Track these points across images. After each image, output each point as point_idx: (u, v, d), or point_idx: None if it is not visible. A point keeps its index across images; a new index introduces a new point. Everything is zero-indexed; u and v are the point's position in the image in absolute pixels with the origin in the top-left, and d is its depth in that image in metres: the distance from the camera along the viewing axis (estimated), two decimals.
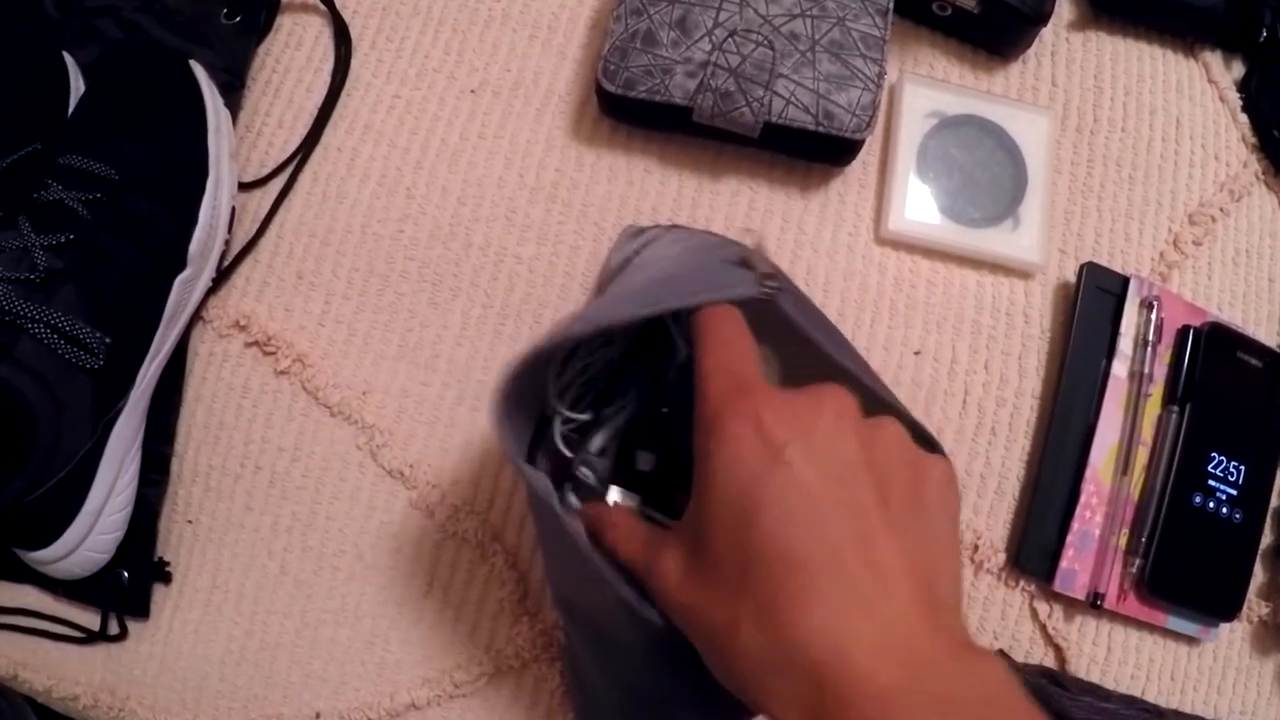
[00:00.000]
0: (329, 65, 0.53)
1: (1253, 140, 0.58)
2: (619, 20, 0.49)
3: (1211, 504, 0.50)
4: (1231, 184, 0.57)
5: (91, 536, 0.48)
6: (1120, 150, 0.55)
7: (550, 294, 0.50)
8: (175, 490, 0.50)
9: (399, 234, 0.51)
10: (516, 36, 0.53)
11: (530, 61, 0.53)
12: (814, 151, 0.50)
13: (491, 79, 0.52)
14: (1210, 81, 0.58)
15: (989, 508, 0.50)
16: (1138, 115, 0.56)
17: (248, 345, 0.50)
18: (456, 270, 0.50)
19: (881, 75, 0.49)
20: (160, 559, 0.49)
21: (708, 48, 0.48)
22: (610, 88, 0.48)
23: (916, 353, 0.50)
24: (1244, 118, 0.58)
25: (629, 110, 0.50)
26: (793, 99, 0.48)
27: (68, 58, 0.51)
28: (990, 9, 0.52)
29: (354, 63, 0.53)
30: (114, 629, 0.49)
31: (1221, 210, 0.56)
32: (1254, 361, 0.52)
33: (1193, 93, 0.58)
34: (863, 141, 0.49)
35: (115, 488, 0.48)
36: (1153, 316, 0.51)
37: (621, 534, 0.30)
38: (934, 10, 0.54)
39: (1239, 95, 0.59)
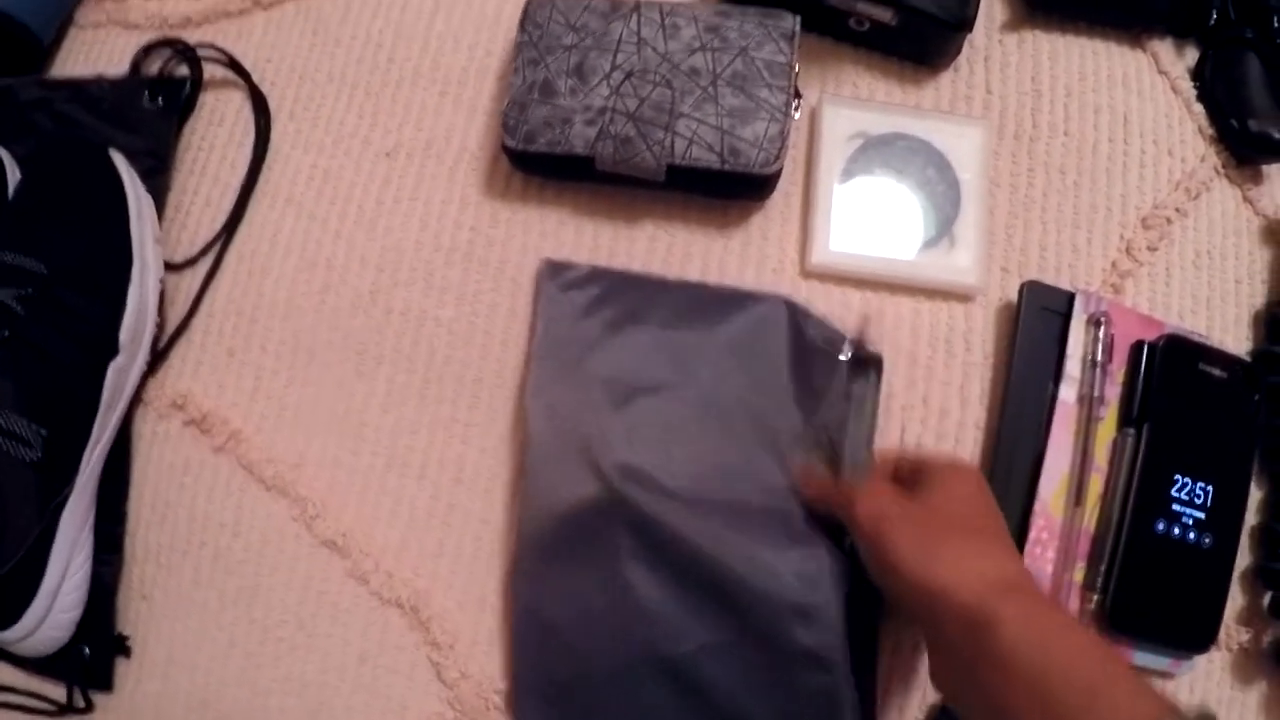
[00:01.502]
0: (251, 139, 0.54)
1: (1210, 131, 0.54)
2: (517, 72, 0.48)
3: (1177, 530, 0.47)
4: (1188, 181, 0.53)
5: (51, 615, 0.49)
6: (1064, 156, 0.53)
7: (471, 354, 0.50)
8: (130, 568, 0.51)
9: (321, 305, 0.51)
10: (428, 95, 0.53)
11: (442, 119, 0.52)
12: (726, 189, 0.49)
13: (405, 140, 0.52)
14: (1160, 72, 0.55)
15: None
16: (1081, 116, 0.53)
17: (186, 424, 0.51)
18: (379, 338, 0.50)
19: (789, 103, 0.47)
20: (120, 634, 0.51)
21: (606, 93, 0.47)
22: (511, 143, 0.48)
23: None
24: (1199, 108, 0.55)
25: (535, 163, 0.50)
26: (695, 138, 0.47)
27: (3, 153, 0.53)
28: (908, 20, 0.50)
29: (273, 135, 0.54)
30: (80, 702, 0.51)
31: (1178, 211, 0.53)
32: (1218, 372, 0.49)
33: (1141, 86, 0.54)
34: (773, 175, 0.48)
35: (69, 569, 0.50)
36: (1101, 334, 0.48)
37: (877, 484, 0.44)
38: (851, 26, 0.52)
39: (1193, 84, 0.55)
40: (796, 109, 0.50)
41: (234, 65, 0.54)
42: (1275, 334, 0.52)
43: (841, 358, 0.47)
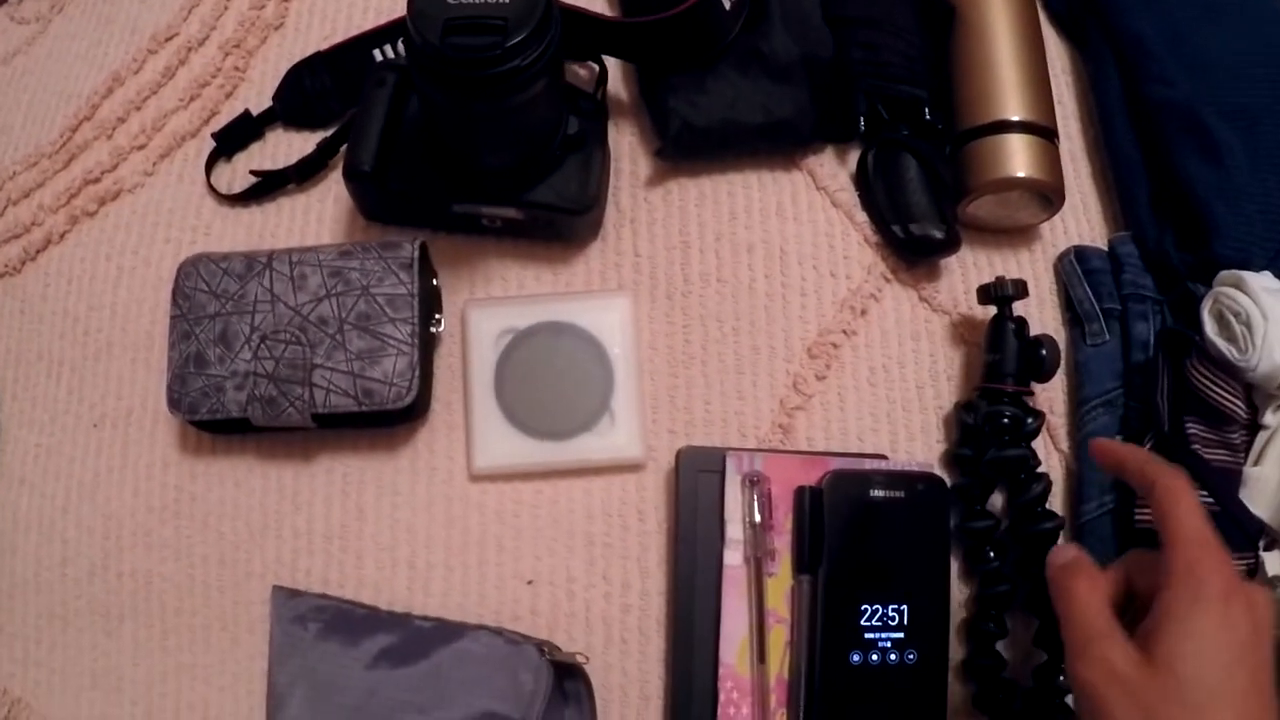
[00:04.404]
0: None
1: (875, 239, 0.54)
2: (174, 347, 0.51)
3: (875, 656, 0.48)
4: (854, 299, 0.53)
5: None
6: (719, 304, 0.53)
7: (196, 604, 0.53)
8: None
9: (64, 577, 0.55)
10: (122, 363, 0.56)
11: (137, 386, 0.56)
12: (376, 423, 0.51)
13: (109, 410, 0.56)
14: (819, 189, 0.55)
15: (636, 716, 0.50)
16: (734, 259, 0.54)
17: None
18: (117, 599, 0.54)
19: (415, 333, 0.49)
20: None
21: (248, 356, 0.50)
22: (178, 415, 0.51)
23: (529, 582, 0.51)
24: (863, 217, 0.54)
25: (208, 427, 0.53)
26: (331, 386, 0.49)
27: None
28: (535, 214, 0.51)
29: (1, 417, 0.58)
30: None
31: (845, 332, 0.53)
32: (888, 494, 0.50)
33: (798, 210, 0.54)
34: (413, 406, 0.50)
35: None
36: (755, 494, 0.49)
37: (1098, 591, 0.37)
38: (485, 225, 0.53)
39: (856, 191, 0.55)
40: (438, 323, 0.52)
41: None
42: (964, 436, 0.53)
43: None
